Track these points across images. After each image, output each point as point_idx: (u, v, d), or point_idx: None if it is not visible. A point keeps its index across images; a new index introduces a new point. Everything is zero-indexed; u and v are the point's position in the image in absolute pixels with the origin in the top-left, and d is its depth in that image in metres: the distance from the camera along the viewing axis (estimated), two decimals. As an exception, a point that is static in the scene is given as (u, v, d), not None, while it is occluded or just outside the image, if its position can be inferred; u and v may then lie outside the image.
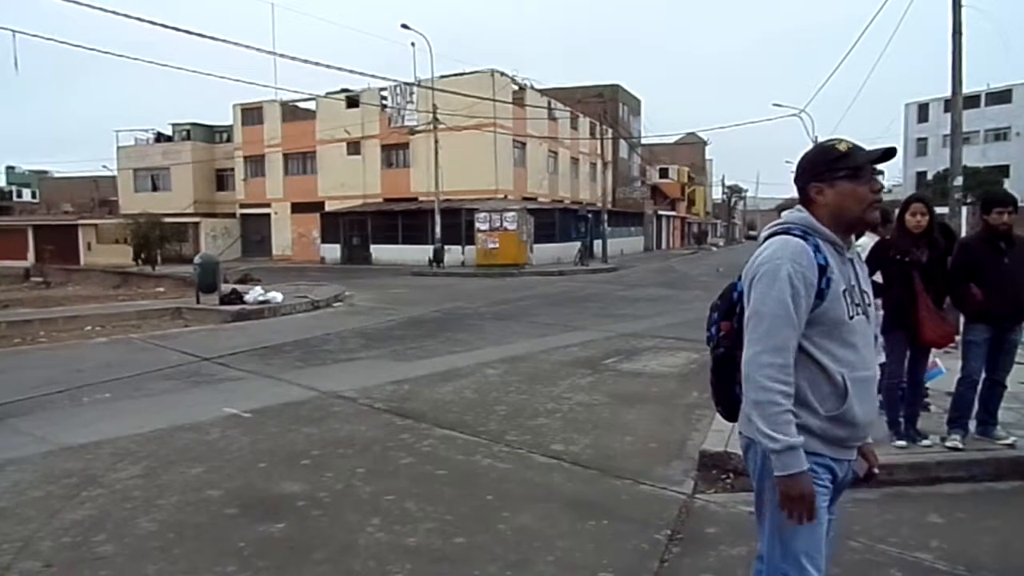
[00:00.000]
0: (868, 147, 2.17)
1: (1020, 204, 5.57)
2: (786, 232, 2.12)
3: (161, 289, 19.63)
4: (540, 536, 3.86)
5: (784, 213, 2.26)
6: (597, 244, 34.94)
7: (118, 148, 46.93)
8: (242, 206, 43.24)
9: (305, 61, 28.54)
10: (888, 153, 2.15)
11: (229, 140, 44.86)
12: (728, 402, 2.32)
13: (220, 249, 36.85)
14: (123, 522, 4.08)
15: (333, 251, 36.19)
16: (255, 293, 14.85)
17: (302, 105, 40.85)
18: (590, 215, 36.17)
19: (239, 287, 16.01)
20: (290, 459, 5.19)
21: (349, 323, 13.00)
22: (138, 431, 5.91)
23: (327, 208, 38.24)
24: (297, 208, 40.51)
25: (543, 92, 39.98)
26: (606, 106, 40.43)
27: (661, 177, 63.68)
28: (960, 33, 13.01)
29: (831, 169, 2.12)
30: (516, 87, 36.72)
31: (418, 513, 4.18)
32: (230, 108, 42.67)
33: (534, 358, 9.28)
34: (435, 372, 8.39)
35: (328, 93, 36.81)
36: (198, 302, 14.33)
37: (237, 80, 38.15)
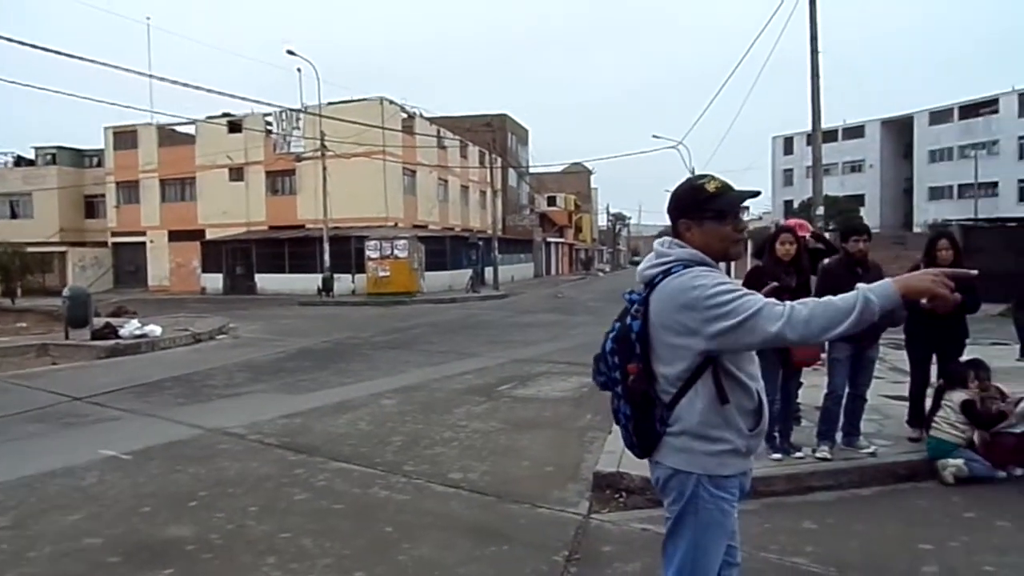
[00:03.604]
0: (739, 179, 2.33)
1: (873, 231, 6.14)
2: (669, 272, 2.18)
3: (23, 324, 18.19)
4: (440, 565, 3.87)
5: (660, 245, 2.29)
6: (488, 271, 35.27)
7: (-29, 172, 43.40)
8: (114, 234, 40.79)
9: (183, 84, 27.37)
10: (752, 194, 2.30)
11: (100, 165, 42.36)
12: (647, 442, 2.27)
13: (90, 280, 34.60)
14: (-11, 578, 3.78)
15: (215, 281, 34.73)
16: (131, 327, 14.04)
17: (181, 129, 39.22)
18: (481, 242, 36.51)
19: (113, 320, 15.09)
20: (176, 501, 4.96)
21: (235, 356, 12.53)
22: (4, 479, 5.47)
23: (208, 236, 36.69)
24: (175, 236, 38.64)
25: (432, 120, 40.19)
26: (495, 135, 41.06)
27: (549, 205, 65.12)
28: (818, 76, 14.21)
29: (699, 209, 2.21)
30: (405, 115, 36.77)
31: (315, 550, 4.10)
32: (101, 131, 40.42)
33: (428, 387, 9.27)
34: (328, 404, 8.22)
35: (209, 117, 35.55)
36: (67, 337, 13.42)
37: (111, 103, 36.16)
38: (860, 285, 2.01)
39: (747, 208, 2.81)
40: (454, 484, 5.27)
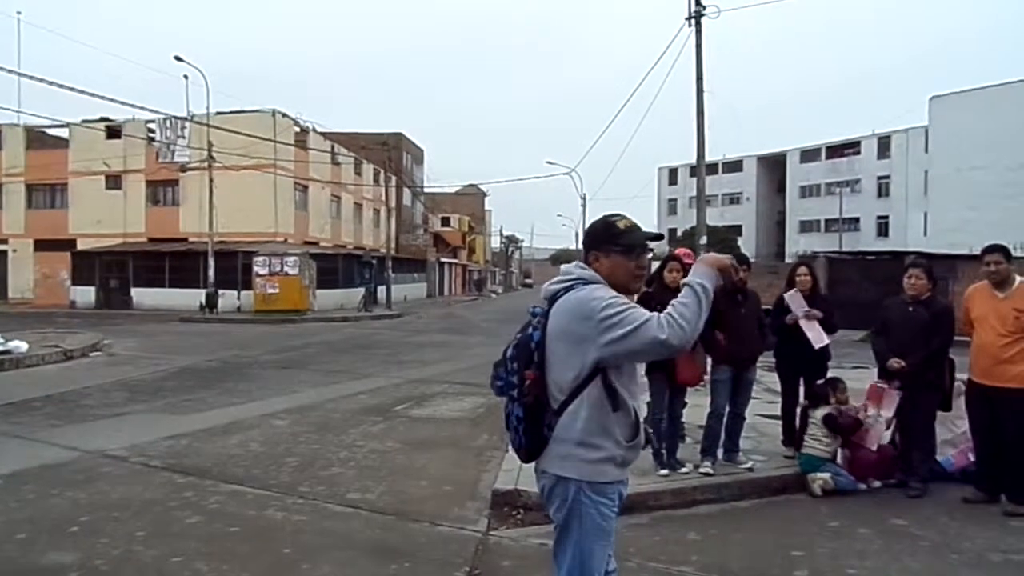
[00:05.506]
0: (626, 207, 2.60)
1: (751, 261, 6.63)
2: (571, 288, 2.43)
3: None
4: (342, 585, 3.87)
5: (565, 267, 2.55)
6: (381, 290, 34.88)
7: None
8: (-31, 242, 37.66)
9: (57, 84, 25.49)
10: (656, 237, 2.54)
11: (-44, 166, 39.04)
12: (533, 445, 2.46)
13: (-61, 291, 31.77)
14: None
15: (87, 294, 32.60)
16: (-7, 342, 13.03)
17: (52, 132, 36.81)
18: (374, 261, 36.08)
19: (-29, 335, 13.94)
20: (55, 527, 4.70)
21: (111, 374, 11.86)
22: None
23: (80, 247, 34.45)
24: (42, 246, 36.04)
25: (327, 136, 39.53)
26: (390, 153, 40.81)
27: (443, 225, 65.17)
28: (703, 114, 15.09)
29: (609, 242, 2.47)
30: (298, 129, 36.01)
31: (211, 573, 4.00)
32: (-41, 130, 37.31)
33: (323, 407, 9.13)
34: (216, 425, 7.96)
35: (84, 121, 33.57)
36: (-83, 353, 12.30)
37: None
38: (682, 280, 2.41)
39: (651, 250, 3.12)
40: (353, 504, 5.25)
